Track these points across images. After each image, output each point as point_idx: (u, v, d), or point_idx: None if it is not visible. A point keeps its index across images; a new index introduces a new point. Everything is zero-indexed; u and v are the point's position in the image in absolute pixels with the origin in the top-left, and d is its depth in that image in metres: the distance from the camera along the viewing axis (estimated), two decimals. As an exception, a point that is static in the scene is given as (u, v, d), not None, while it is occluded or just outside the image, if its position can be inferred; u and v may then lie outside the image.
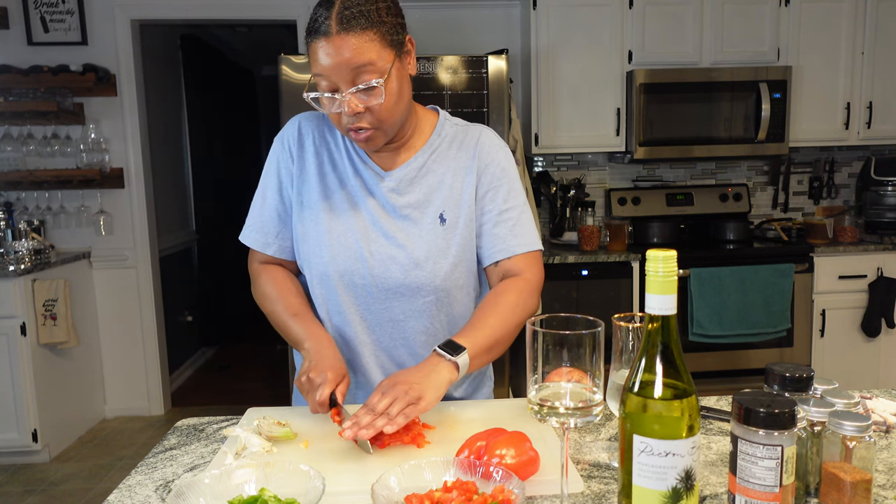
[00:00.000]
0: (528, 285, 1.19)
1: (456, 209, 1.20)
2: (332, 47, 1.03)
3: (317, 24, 1.04)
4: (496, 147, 1.24)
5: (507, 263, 1.21)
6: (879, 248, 3.35)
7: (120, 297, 3.80)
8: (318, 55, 1.05)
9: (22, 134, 3.56)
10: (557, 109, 3.43)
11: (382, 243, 1.18)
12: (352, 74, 1.05)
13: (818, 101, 3.51)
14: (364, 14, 1.04)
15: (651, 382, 0.69)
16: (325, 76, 1.06)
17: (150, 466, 0.98)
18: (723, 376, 3.30)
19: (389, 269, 1.18)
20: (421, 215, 1.20)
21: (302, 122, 1.26)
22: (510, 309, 1.14)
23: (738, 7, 3.41)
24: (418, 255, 1.18)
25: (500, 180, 1.22)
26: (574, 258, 3.22)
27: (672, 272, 0.68)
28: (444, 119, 1.26)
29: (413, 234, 1.19)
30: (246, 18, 3.69)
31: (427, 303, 1.20)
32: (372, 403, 0.97)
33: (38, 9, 3.54)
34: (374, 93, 1.07)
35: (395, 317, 1.20)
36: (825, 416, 0.79)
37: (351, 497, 0.84)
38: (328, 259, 1.19)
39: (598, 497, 0.85)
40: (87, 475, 3.09)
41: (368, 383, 1.24)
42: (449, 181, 1.21)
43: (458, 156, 1.23)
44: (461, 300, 1.24)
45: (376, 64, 1.05)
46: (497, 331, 1.12)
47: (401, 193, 1.20)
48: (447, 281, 1.20)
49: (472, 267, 1.24)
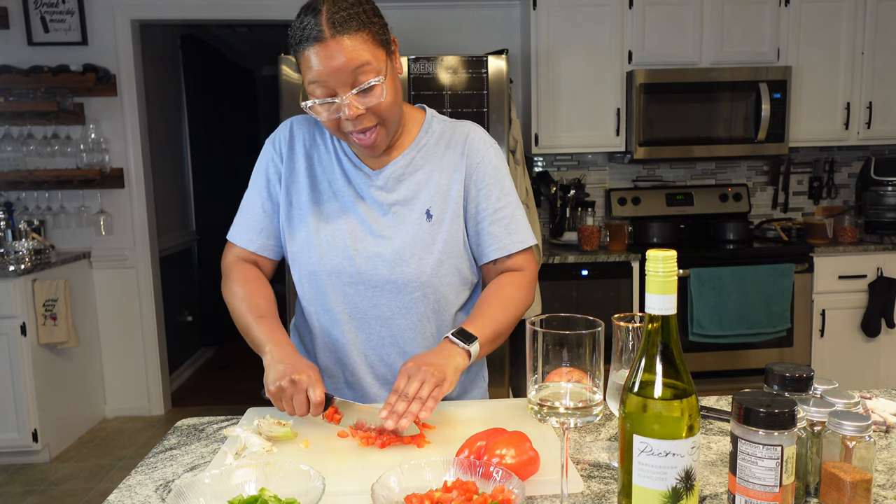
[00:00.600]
0: (527, 279, 1.25)
1: (443, 205, 1.21)
2: (329, 51, 1.03)
3: (306, 31, 1.04)
4: (486, 144, 1.25)
5: (505, 261, 1.25)
6: (879, 248, 3.35)
7: (120, 297, 3.80)
8: (312, 62, 1.05)
9: (22, 134, 3.56)
10: (557, 109, 3.43)
11: (369, 241, 1.20)
12: (351, 77, 1.05)
13: (818, 102, 3.51)
14: (354, 16, 1.04)
15: (651, 382, 0.69)
16: (321, 82, 1.06)
17: (150, 466, 0.98)
18: (723, 376, 3.30)
19: (376, 266, 1.19)
20: (408, 211, 1.21)
21: (294, 124, 1.27)
22: (512, 302, 1.19)
23: (738, 7, 3.41)
24: (403, 250, 1.19)
25: (492, 178, 1.23)
26: (574, 258, 3.22)
27: (672, 272, 0.68)
28: (431, 117, 1.27)
29: (399, 229, 1.20)
30: (246, 18, 3.69)
31: (414, 299, 1.21)
32: (401, 388, 0.99)
33: (38, 9, 3.54)
34: (373, 92, 1.08)
35: (382, 314, 1.21)
36: (825, 416, 0.79)
37: (351, 497, 0.84)
38: (316, 258, 1.20)
39: (598, 497, 0.85)
40: (87, 475, 3.09)
41: (357, 382, 1.24)
42: (436, 178, 1.22)
43: (446, 153, 1.24)
44: (449, 297, 1.24)
45: (372, 64, 1.06)
46: (502, 323, 1.16)
47: (389, 191, 1.21)
48: (434, 277, 1.21)
49: (459, 263, 1.24)
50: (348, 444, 1.00)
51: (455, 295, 1.26)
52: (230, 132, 5.71)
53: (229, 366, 4.89)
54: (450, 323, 1.26)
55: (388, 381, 1.24)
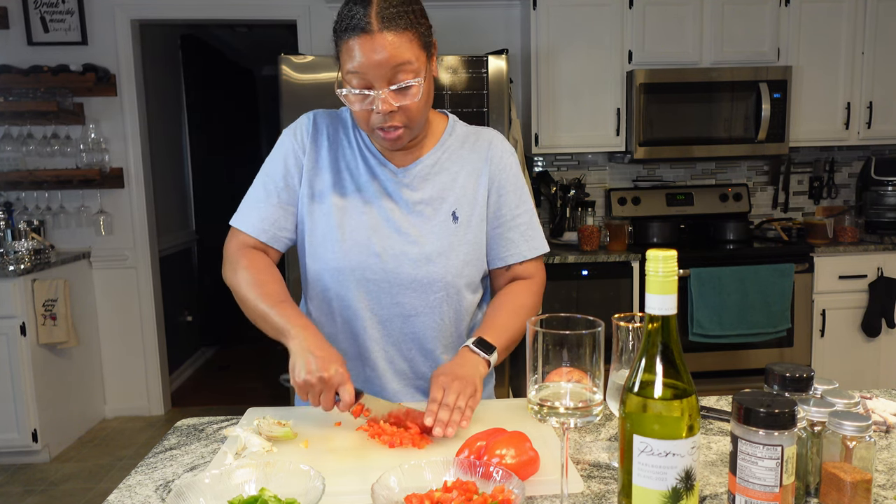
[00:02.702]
0: (539, 287, 1.28)
1: (469, 208, 1.23)
2: (374, 45, 1.03)
3: (354, 20, 1.04)
4: (508, 153, 1.28)
5: (518, 268, 1.27)
6: (879, 248, 3.35)
7: (120, 297, 3.80)
8: (354, 52, 1.05)
9: (22, 134, 3.56)
10: (557, 109, 3.43)
11: (395, 238, 1.20)
12: (391, 73, 1.06)
13: (818, 101, 3.50)
14: (403, 14, 1.05)
15: (651, 382, 0.69)
16: (360, 73, 1.06)
17: (150, 466, 0.98)
18: (723, 376, 3.30)
19: (401, 264, 1.19)
20: (434, 212, 1.21)
21: (317, 116, 1.26)
22: (526, 311, 1.22)
23: (738, 7, 3.41)
24: (430, 251, 1.19)
25: (513, 185, 1.26)
26: (574, 258, 3.22)
27: (672, 272, 0.68)
28: (454, 121, 1.29)
29: (425, 229, 1.20)
30: (246, 18, 3.68)
31: (437, 298, 1.21)
32: (439, 398, 1.01)
33: (38, 9, 3.54)
34: (409, 92, 1.08)
35: (405, 312, 1.21)
36: (825, 416, 0.79)
37: (351, 497, 0.84)
38: (341, 254, 1.19)
39: (598, 497, 0.85)
40: (87, 475, 3.09)
41: (377, 377, 1.24)
42: (462, 180, 1.23)
43: (471, 157, 1.25)
44: (468, 297, 1.26)
45: (413, 64, 1.07)
46: (516, 333, 1.19)
47: (414, 189, 1.21)
48: (458, 277, 1.22)
49: (481, 266, 1.26)
50: (348, 443, 1.00)
51: (474, 296, 1.27)
52: (230, 132, 5.71)
53: (229, 366, 4.89)
54: (468, 322, 1.27)
55: (407, 377, 1.25)
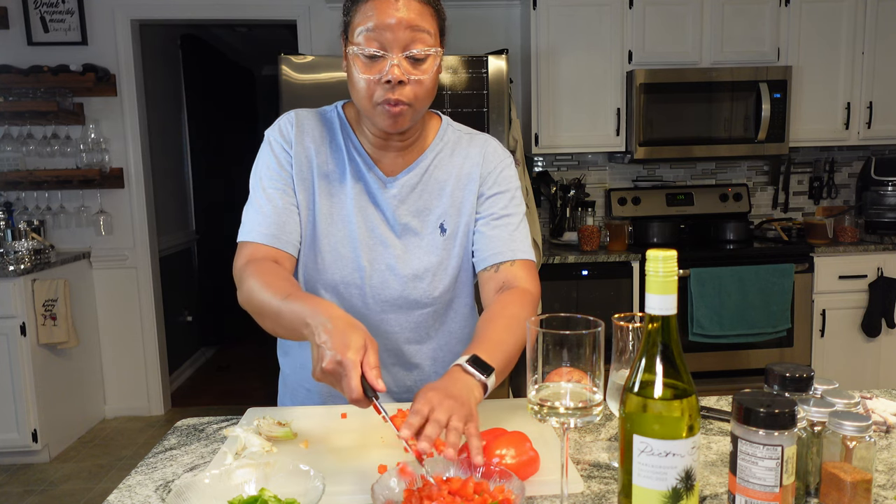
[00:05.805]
0: (534, 300, 1.14)
1: (456, 217, 1.19)
2: (396, 3, 1.01)
3: None
4: (501, 157, 1.23)
5: (508, 270, 1.15)
6: (879, 248, 3.35)
7: (120, 297, 3.80)
8: (374, 10, 1.02)
9: (22, 134, 3.56)
10: (557, 109, 3.43)
11: (381, 252, 1.16)
12: (408, 37, 1.03)
13: (818, 101, 3.50)
14: None
15: (651, 382, 0.69)
16: (376, 33, 1.02)
17: (150, 466, 0.98)
18: (723, 376, 3.29)
19: (387, 281, 1.15)
20: (422, 225, 1.17)
21: (299, 116, 1.18)
22: (519, 323, 1.06)
23: (738, 7, 3.41)
24: (418, 268, 1.16)
25: (503, 188, 1.21)
26: (574, 258, 3.22)
27: (672, 272, 0.68)
28: (446, 124, 1.24)
29: (412, 245, 1.17)
30: (246, 18, 3.68)
31: (423, 315, 1.19)
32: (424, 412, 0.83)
33: (38, 9, 3.54)
34: (423, 64, 1.05)
35: (390, 329, 1.18)
36: (825, 416, 0.79)
37: (351, 497, 0.84)
38: (321, 267, 1.14)
39: (598, 497, 0.85)
40: (87, 475, 3.09)
41: None
42: (450, 189, 1.19)
43: (463, 163, 1.21)
44: (458, 310, 1.23)
45: (431, 35, 1.05)
46: (514, 353, 1.05)
47: (402, 200, 1.17)
48: (446, 293, 1.19)
49: (469, 277, 1.23)
50: (348, 443, 1.00)
51: (465, 308, 1.24)
52: (230, 132, 5.71)
53: (229, 366, 4.89)
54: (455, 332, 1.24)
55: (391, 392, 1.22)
